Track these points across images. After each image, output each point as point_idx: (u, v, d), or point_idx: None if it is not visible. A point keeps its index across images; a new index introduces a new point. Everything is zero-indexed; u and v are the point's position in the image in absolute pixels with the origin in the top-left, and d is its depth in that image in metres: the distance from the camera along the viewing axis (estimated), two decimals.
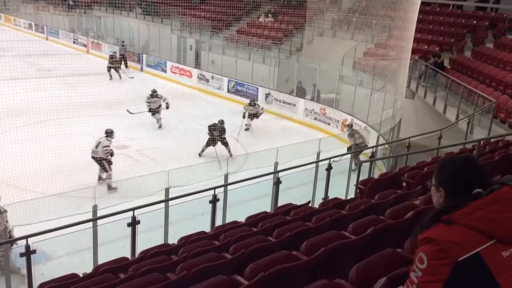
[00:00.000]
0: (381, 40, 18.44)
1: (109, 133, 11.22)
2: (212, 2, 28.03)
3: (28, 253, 5.33)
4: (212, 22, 24.78)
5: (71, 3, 33.18)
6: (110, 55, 22.11)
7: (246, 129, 15.76)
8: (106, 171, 11.05)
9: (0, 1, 39.25)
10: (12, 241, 6.27)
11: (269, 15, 24.52)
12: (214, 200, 7.30)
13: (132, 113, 15.14)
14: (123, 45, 24.50)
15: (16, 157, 10.76)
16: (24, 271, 5.74)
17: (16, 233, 7.37)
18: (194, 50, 24.67)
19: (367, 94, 15.24)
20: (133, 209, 6.38)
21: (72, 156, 12.25)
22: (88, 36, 29.40)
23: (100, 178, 11.17)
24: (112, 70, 21.65)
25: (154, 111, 15.87)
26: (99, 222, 6.59)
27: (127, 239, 6.47)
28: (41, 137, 11.98)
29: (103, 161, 11.03)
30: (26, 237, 5.42)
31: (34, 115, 14.13)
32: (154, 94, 15.79)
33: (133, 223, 6.32)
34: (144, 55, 24.78)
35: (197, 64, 23.31)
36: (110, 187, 10.76)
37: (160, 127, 15.91)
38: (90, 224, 6.54)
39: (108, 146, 11.01)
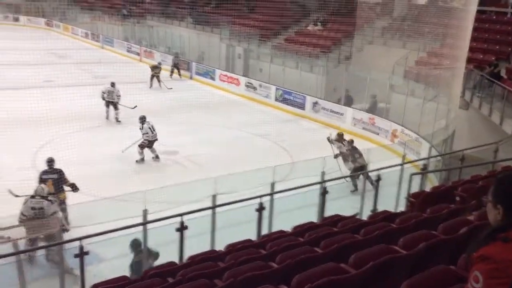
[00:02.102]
0: (434, 49, 17.95)
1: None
2: (261, 11, 28.34)
3: (82, 254, 5.53)
4: (260, 31, 24.98)
5: (125, 13, 34.43)
6: (154, 65, 22.62)
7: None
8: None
9: (59, 11, 41.34)
10: (67, 242, 6.53)
11: (318, 23, 24.43)
12: (260, 209, 7.31)
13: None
14: (176, 55, 25.13)
15: (71, 161, 11.24)
16: (77, 271, 5.95)
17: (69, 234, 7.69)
18: (242, 58, 24.94)
19: (419, 104, 14.85)
20: (181, 215, 6.49)
21: (123, 161, 12.68)
22: (141, 45, 30.35)
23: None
24: (154, 79, 22.16)
25: (110, 103, 16.41)
26: (148, 226, 6.75)
27: (175, 244, 6.59)
28: (95, 142, 12.48)
29: None
30: (80, 238, 5.62)
31: (88, 120, 14.70)
32: (112, 84, 16.58)
33: (181, 229, 6.43)
34: (194, 63, 25.29)
35: (245, 72, 23.55)
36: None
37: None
38: (140, 228, 6.71)
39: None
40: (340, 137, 12.73)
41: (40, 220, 7.40)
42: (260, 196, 7.36)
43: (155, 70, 22.09)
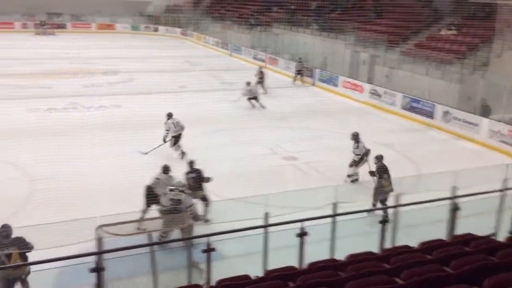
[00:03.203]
0: None
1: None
2: (390, 16, 27.46)
3: (209, 250, 5.83)
4: (388, 36, 24.19)
5: (253, 22, 35.83)
6: (260, 71, 22.90)
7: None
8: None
9: (193, 21, 44.47)
10: (196, 237, 6.95)
11: (452, 28, 22.94)
12: (383, 221, 7.05)
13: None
14: (300, 61, 25.44)
15: (198, 161, 11.95)
16: (202, 266, 6.30)
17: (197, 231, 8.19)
18: (367, 64, 24.39)
19: None
20: (301, 221, 6.53)
21: (247, 163, 13.13)
22: (266, 52, 31.27)
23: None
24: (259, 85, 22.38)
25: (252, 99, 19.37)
26: (270, 229, 6.89)
27: (293, 248, 6.64)
28: (219, 144, 13.13)
29: None
30: (208, 235, 5.94)
31: (216, 123, 15.52)
32: (248, 83, 19.60)
33: (302, 234, 6.46)
34: (317, 70, 25.35)
35: (370, 79, 22.97)
36: None
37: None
38: (262, 230, 6.89)
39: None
40: (355, 137, 12.23)
41: (175, 215, 8.02)
42: (384, 208, 7.12)
43: (259, 75, 22.50)
